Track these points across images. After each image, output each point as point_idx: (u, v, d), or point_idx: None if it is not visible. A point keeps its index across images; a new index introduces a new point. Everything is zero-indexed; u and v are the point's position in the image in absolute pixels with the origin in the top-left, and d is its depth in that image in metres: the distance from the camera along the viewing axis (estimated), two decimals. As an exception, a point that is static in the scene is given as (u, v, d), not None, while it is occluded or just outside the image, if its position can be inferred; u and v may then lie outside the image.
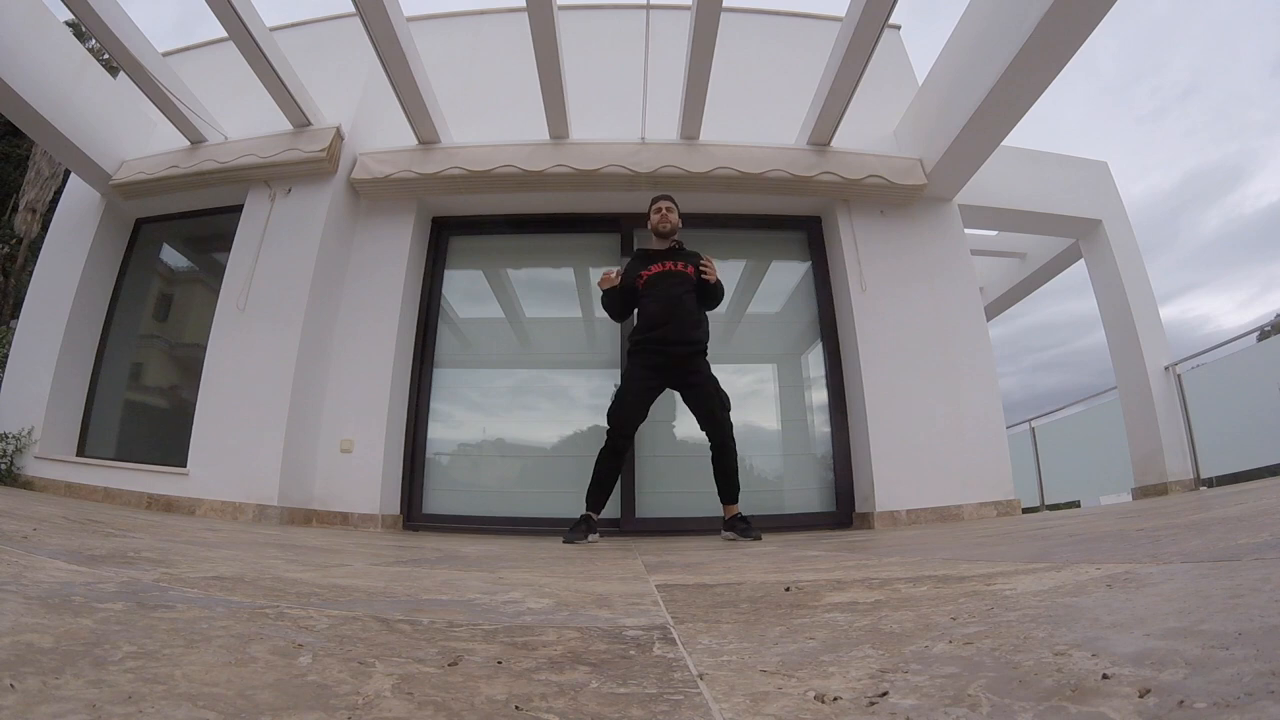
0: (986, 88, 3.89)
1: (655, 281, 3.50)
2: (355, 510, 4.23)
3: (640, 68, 4.62)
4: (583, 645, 0.77)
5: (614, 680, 0.61)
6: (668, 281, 3.49)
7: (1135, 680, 0.49)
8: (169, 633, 0.72)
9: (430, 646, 0.74)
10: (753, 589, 1.27)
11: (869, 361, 4.48)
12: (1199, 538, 1.41)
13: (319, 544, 2.46)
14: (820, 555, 2.06)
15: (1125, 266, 5.69)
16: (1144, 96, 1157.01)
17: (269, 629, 0.79)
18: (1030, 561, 1.37)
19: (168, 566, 1.36)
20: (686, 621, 0.94)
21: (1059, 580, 1.04)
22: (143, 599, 0.92)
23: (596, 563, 2.04)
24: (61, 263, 4.99)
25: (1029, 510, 6.58)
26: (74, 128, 4.57)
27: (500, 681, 0.60)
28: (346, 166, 4.80)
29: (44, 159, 11.08)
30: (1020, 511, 4.42)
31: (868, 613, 0.92)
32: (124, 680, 0.54)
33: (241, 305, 4.42)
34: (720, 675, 0.63)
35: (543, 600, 1.15)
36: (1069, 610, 0.79)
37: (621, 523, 4.41)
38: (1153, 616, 0.69)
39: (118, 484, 4.26)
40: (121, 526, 2.34)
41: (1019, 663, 0.58)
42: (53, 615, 0.76)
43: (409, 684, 0.58)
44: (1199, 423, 5.35)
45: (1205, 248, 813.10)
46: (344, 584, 1.29)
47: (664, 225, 3.58)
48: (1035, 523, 3.21)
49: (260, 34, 4.13)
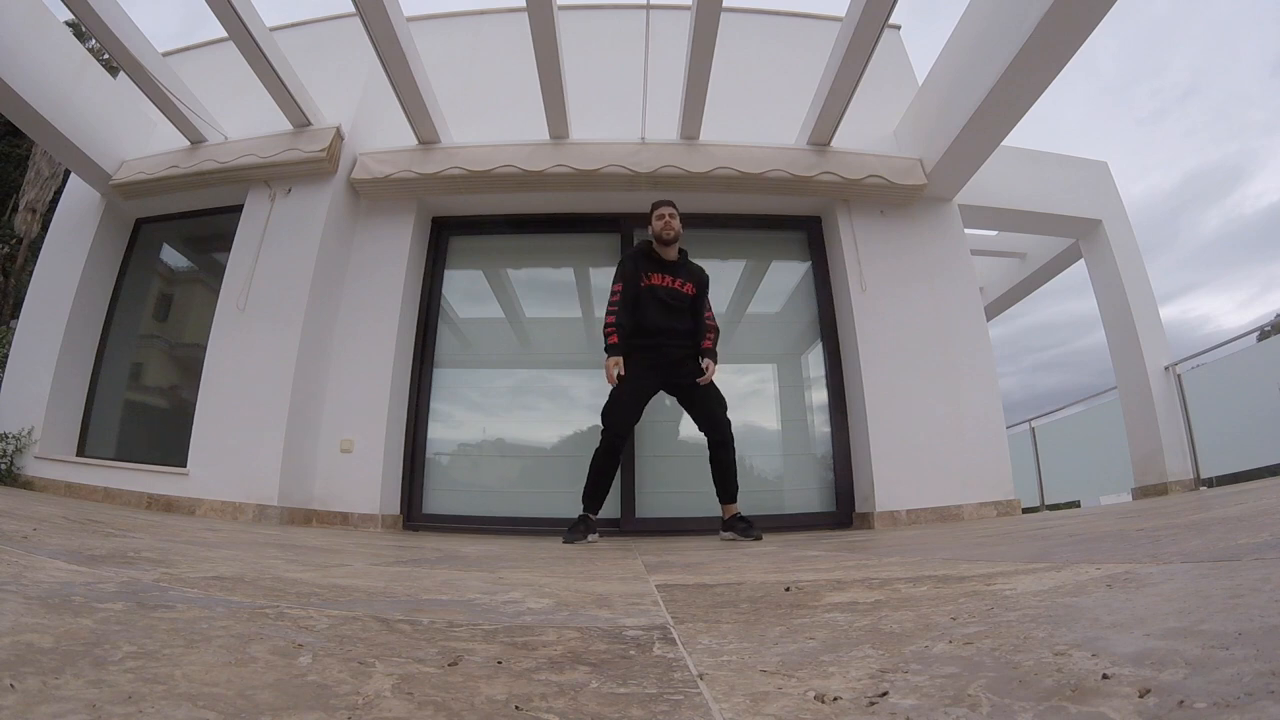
0: (987, 88, 3.90)
1: (656, 294, 3.48)
2: (355, 510, 4.23)
3: (640, 68, 4.62)
4: (583, 645, 0.77)
5: (614, 680, 0.61)
6: (669, 296, 3.49)
7: (1135, 680, 0.49)
8: (169, 633, 0.72)
9: (430, 646, 0.74)
10: (753, 589, 1.27)
11: (869, 361, 4.48)
12: (1199, 538, 1.41)
13: (319, 544, 2.46)
14: (820, 555, 2.06)
15: (1125, 266, 5.69)
16: (1144, 97, 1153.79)
17: (269, 629, 0.79)
18: (1030, 561, 1.37)
19: (168, 566, 1.36)
20: (686, 621, 0.94)
21: (1059, 580, 1.04)
22: (143, 599, 0.92)
23: (596, 563, 2.04)
24: (61, 263, 4.99)
25: (1029, 510, 6.58)
26: (74, 128, 4.57)
27: (500, 681, 0.60)
28: (346, 166, 4.80)
29: (44, 159, 11.08)
30: (1020, 511, 4.42)
31: (868, 613, 0.92)
32: (124, 680, 0.54)
33: (241, 305, 4.42)
34: (720, 675, 0.63)
35: (543, 600, 1.15)
36: (1069, 610, 0.79)
37: (621, 523, 4.41)
38: (1153, 616, 0.69)
39: (118, 484, 4.26)
40: (121, 526, 2.34)
41: (1019, 663, 0.58)
42: (53, 615, 0.76)
43: (409, 684, 0.58)
44: (1199, 423, 5.35)
45: (1205, 248, 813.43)
46: (344, 584, 1.29)
47: (668, 232, 3.51)
48: (1035, 523, 3.21)
49: (260, 34, 4.13)
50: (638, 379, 3.39)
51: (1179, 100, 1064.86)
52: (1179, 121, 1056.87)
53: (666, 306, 3.47)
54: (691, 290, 3.53)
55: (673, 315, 3.48)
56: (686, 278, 3.54)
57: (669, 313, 3.47)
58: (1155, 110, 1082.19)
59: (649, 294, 3.48)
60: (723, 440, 3.37)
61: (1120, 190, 5.99)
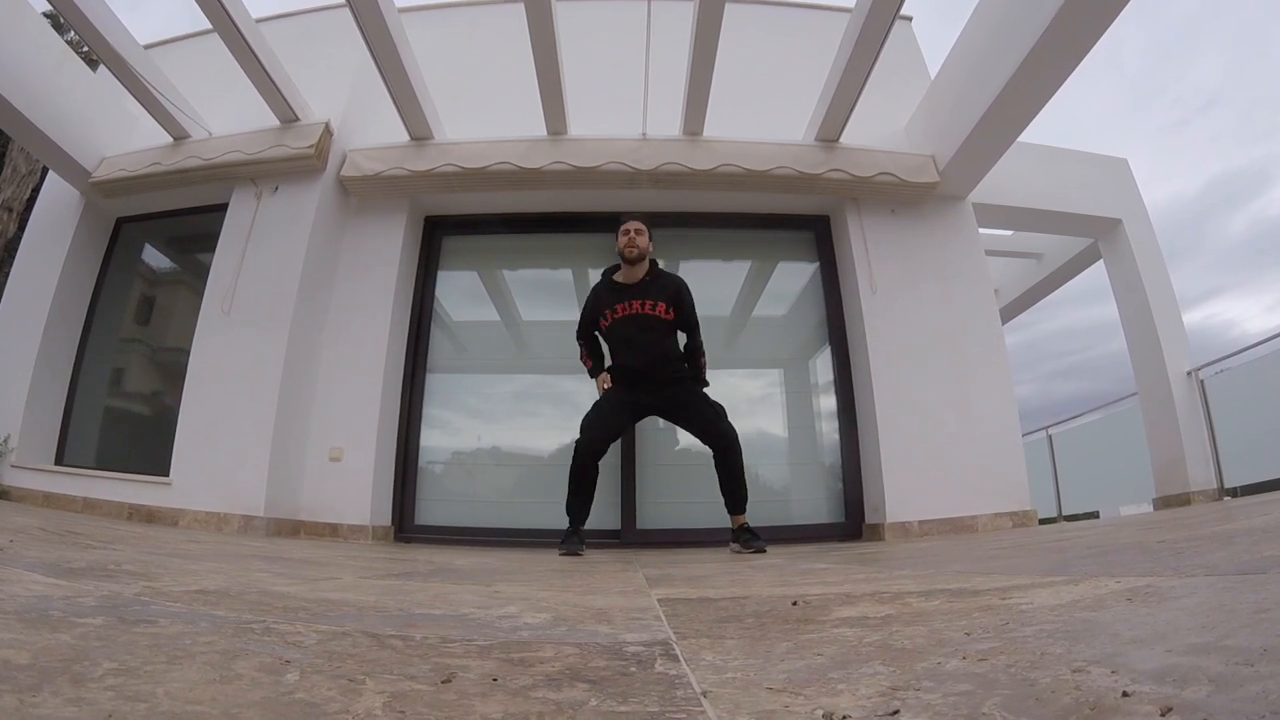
0: (1002, 81, 3.90)
1: (623, 326, 3.41)
2: (345, 521, 4.23)
3: (641, 61, 4.62)
4: (581, 662, 0.77)
5: (614, 698, 0.61)
6: (637, 326, 3.39)
7: (1156, 698, 0.49)
8: (151, 649, 0.72)
9: (423, 663, 0.74)
10: (758, 603, 1.27)
11: (879, 366, 4.48)
12: (1223, 550, 1.41)
13: (307, 556, 2.46)
14: (829, 568, 2.06)
15: (1146, 267, 5.68)
16: (1166, 105, 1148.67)
17: (255, 645, 0.79)
18: (1047, 574, 1.37)
19: (149, 580, 1.36)
20: (689, 637, 0.94)
21: (1077, 594, 1.04)
22: (124, 614, 0.92)
23: (596, 576, 2.04)
24: (39, 264, 5.00)
25: (1046, 521, 6.58)
26: (52, 123, 4.59)
27: (496, 700, 0.60)
28: (336, 164, 4.81)
29: (21, 156, 11.08)
30: (1037, 522, 4.41)
31: (878, 628, 0.92)
32: (104, 698, 0.54)
33: (226, 308, 4.43)
34: (724, 693, 0.63)
35: (540, 615, 1.15)
36: (1087, 625, 0.79)
37: (622, 534, 4.41)
38: (1174, 632, 0.69)
39: (98, 494, 4.25)
40: (102, 538, 2.34)
41: (1035, 680, 0.58)
42: (30, 630, 0.76)
43: (400, 702, 0.59)
44: (1223, 430, 5.33)
45: (1231, 252, 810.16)
46: (333, 598, 1.29)
47: (630, 251, 3.39)
48: (1052, 534, 3.20)
49: (246, 25, 4.15)
50: (617, 394, 3.41)
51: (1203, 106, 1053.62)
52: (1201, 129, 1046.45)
53: (631, 339, 3.41)
54: (665, 310, 3.40)
55: (646, 349, 3.41)
56: (659, 296, 3.42)
57: (639, 348, 3.41)
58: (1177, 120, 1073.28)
59: (613, 333, 3.45)
60: (726, 446, 3.35)
61: (1143, 194, 5.99)
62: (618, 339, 3.44)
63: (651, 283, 3.46)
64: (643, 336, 3.40)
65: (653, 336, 3.41)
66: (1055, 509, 8.25)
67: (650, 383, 3.43)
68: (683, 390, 3.46)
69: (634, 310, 3.40)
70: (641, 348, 3.41)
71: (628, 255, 3.42)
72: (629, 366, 3.42)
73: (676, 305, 3.44)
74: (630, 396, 3.42)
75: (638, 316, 3.40)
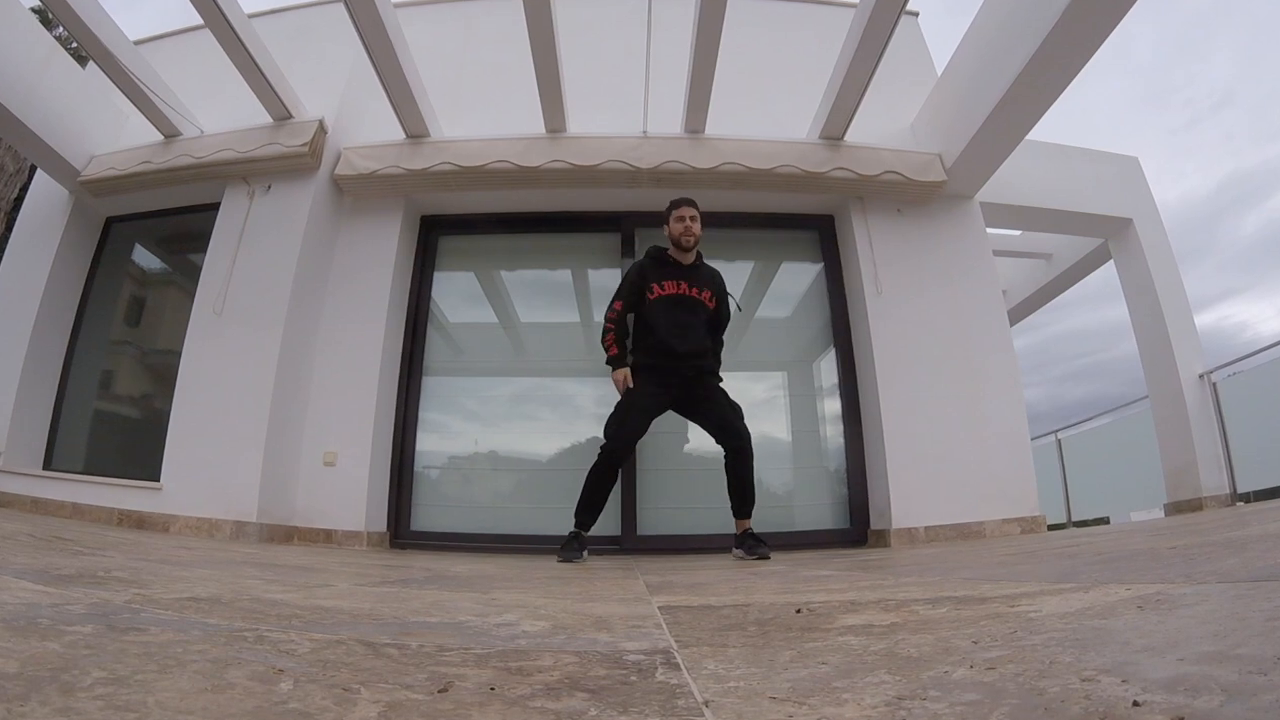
0: (1010, 78, 3.90)
1: (668, 304, 3.36)
2: (339, 527, 4.23)
3: (642, 57, 4.62)
4: (581, 670, 0.77)
5: (614, 707, 0.62)
6: (682, 307, 3.36)
7: (1168, 708, 0.49)
8: (141, 657, 0.72)
9: (419, 672, 0.74)
10: (761, 611, 1.27)
11: (885, 369, 4.48)
12: (1235, 556, 1.41)
13: (301, 563, 2.46)
14: (833, 575, 2.06)
15: (1157, 267, 5.69)
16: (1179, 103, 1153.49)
17: (247, 653, 0.79)
18: (1056, 582, 1.37)
19: (140, 587, 1.36)
20: (691, 645, 0.94)
21: (1087, 602, 1.04)
22: (113, 621, 0.92)
23: (595, 583, 2.04)
24: (27, 264, 5.01)
25: (1055, 527, 6.58)
26: (40, 121, 4.59)
27: (493, 709, 0.60)
28: (330, 162, 4.81)
29: (8, 154, 11.07)
30: (1046, 528, 4.41)
31: (884, 636, 0.92)
32: (93, 708, 0.54)
33: (218, 309, 4.43)
34: (727, 702, 0.63)
35: (538, 623, 1.15)
36: (1097, 633, 0.79)
37: (622, 540, 4.40)
38: (1186, 640, 0.69)
39: (87, 499, 4.25)
40: (91, 544, 2.34)
41: (1044, 689, 0.58)
42: (17, 639, 0.76)
43: (396, 712, 0.59)
44: (1235, 434, 5.33)
45: (1244, 253, 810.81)
46: (327, 605, 1.29)
47: (687, 239, 3.38)
48: (1062, 540, 3.20)
49: (238, 21, 4.15)
50: (646, 393, 3.33)
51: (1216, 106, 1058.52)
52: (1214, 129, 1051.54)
53: (679, 321, 3.33)
54: (710, 299, 3.39)
55: (687, 331, 3.34)
56: (706, 285, 3.41)
57: (683, 329, 3.33)
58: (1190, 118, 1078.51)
59: (659, 307, 3.36)
60: (741, 449, 3.31)
61: (1154, 194, 5.99)
62: (665, 317, 3.34)
63: (700, 269, 3.46)
64: (690, 319, 3.36)
65: (697, 321, 3.37)
66: (1065, 515, 8.25)
67: (687, 371, 3.36)
68: (711, 383, 3.43)
69: (683, 291, 3.36)
70: (690, 330, 3.35)
71: (684, 243, 3.40)
72: (672, 350, 3.31)
73: (718, 298, 3.45)
74: (661, 390, 3.34)
75: (686, 298, 3.36)
